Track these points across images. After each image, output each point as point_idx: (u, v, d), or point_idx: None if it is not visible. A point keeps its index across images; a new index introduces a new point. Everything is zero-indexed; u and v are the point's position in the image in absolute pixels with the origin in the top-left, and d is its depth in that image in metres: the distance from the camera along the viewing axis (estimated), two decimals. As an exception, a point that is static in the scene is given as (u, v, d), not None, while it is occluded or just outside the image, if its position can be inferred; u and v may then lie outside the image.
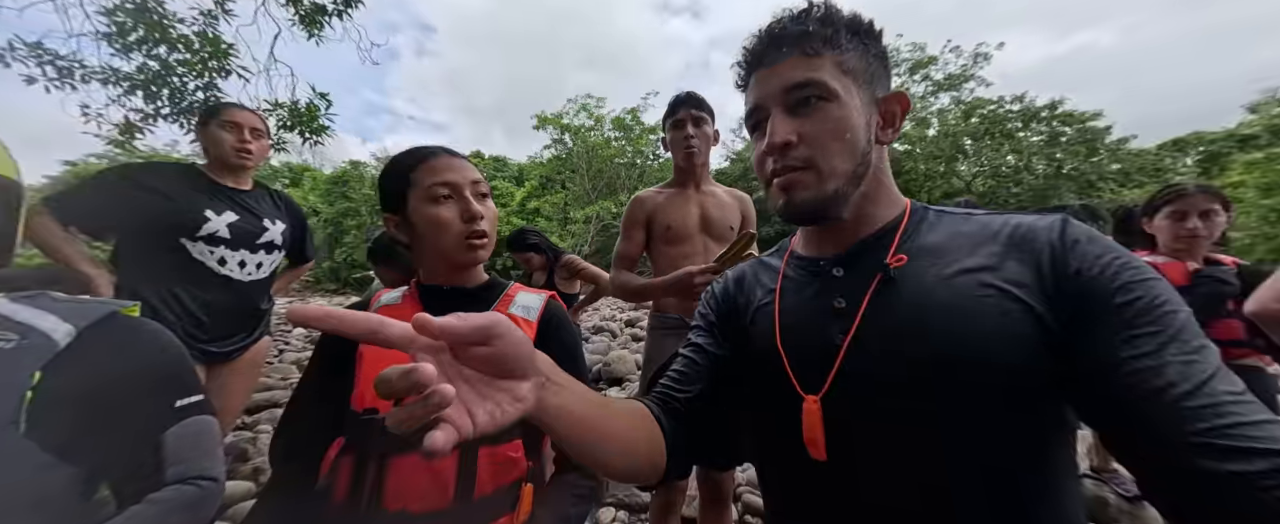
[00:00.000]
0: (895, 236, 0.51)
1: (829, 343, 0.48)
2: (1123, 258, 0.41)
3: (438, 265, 0.74)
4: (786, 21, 0.50)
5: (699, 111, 1.36)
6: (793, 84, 0.48)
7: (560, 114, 22.94)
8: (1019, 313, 0.41)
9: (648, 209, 1.42)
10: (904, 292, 0.47)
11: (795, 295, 0.55)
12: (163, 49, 3.48)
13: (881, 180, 0.53)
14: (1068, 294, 0.41)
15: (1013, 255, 0.44)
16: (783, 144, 0.48)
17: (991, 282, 0.43)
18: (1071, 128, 16.70)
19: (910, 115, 4.32)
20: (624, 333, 6.68)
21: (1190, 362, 0.35)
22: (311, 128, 3.86)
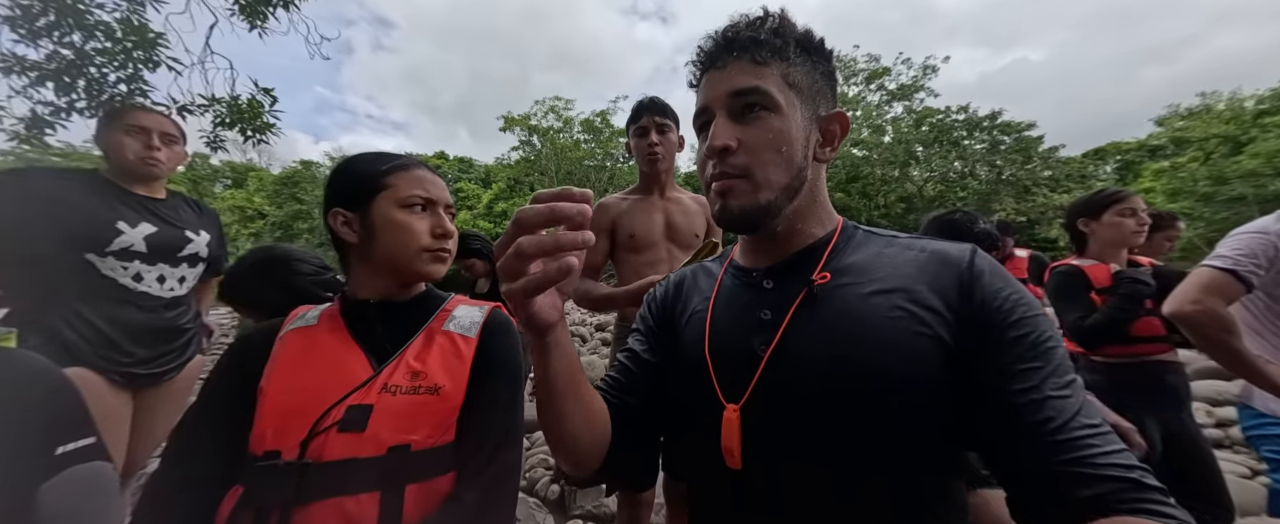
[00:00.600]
0: (824, 253, 0.53)
1: (751, 353, 0.50)
2: (1018, 294, 0.45)
3: (379, 274, 0.69)
4: (741, 26, 0.51)
5: (663, 118, 1.36)
6: (738, 89, 0.50)
7: (528, 115, 22.57)
8: (926, 336, 0.45)
9: (611, 216, 1.40)
10: (826, 308, 0.49)
11: (727, 304, 0.57)
12: (77, 36, 3.15)
13: (816, 197, 0.55)
14: (969, 323, 0.45)
15: (925, 280, 0.47)
16: (722, 148, 0.49)
17: (904, 304, 0.46)
18: (1010, 137, 18.08)
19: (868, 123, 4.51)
20: (594, 338, 6.62)
21: (1063, 397, 0.40)
22: (254, 126, 3.59)
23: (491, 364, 0.66)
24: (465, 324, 0.69)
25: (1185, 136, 16.95)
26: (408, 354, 0.64)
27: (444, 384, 0.62)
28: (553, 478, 2.49)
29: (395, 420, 0.58)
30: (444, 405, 0.61)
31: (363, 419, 0.57)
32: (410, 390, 0.60)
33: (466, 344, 0.67)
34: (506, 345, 0.70)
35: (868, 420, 0.45)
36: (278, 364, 0.62)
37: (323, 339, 0.66)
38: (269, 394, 0.60)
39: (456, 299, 0.76)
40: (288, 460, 0.55)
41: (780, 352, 0.49)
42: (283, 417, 0.58)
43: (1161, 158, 17.77)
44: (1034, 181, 17.55)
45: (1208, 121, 16.31)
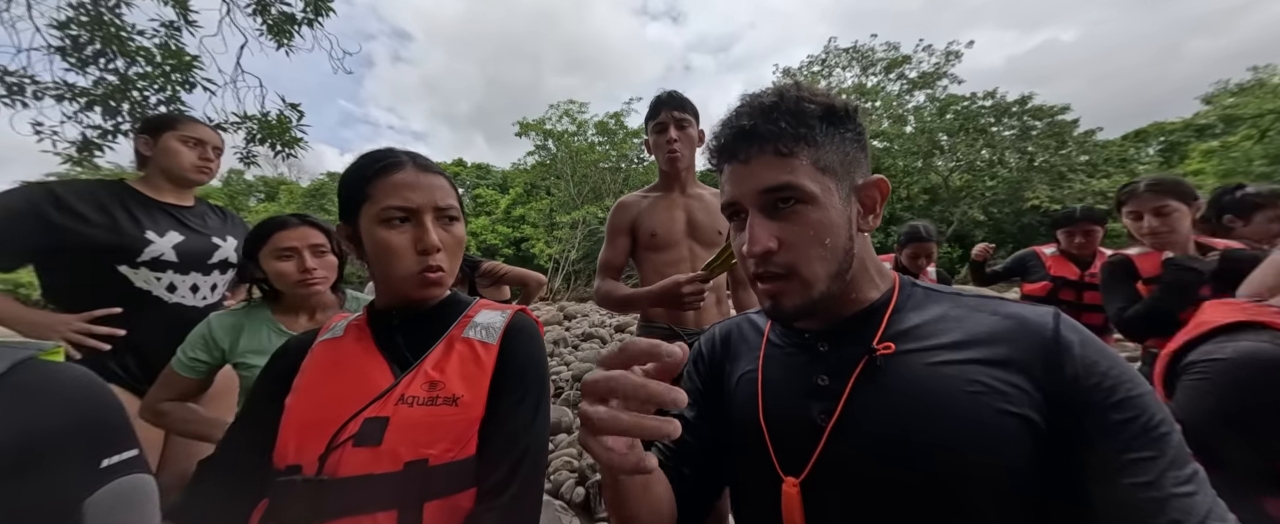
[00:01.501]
0: (883, 316, 0.50)
1: (811, 423, 0.48)
2: (1119, 369, 0.41)
3: (387, 292, 0.66)
4: (757, 119, 0.47)
5: (681, 113, 1.32)
6: (767, 187, 0.47)
7: (542, 120, 22.83)
8: (1011, 414, 0.40)
9: (631, 215, 1.38)
10: (891, 377, 0.45)
11: (779, 367, 0.54)
12: (121, 62, 3.33)
13: (866, 264, 0.52)
14: (1064, 404, 0.40)
15: (1004, 349, 0.43)
16: (763, 253, 0.47)
17: (982, 377, 0.42)
18: (1041, 122, 17.27)
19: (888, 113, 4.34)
20: (614, 339, 6.62)
21: (1190, 494, 0.36)
22: (283, 140, 3.73)
23: (513, 371, 0.62)
24: (486, 330, 0.66)
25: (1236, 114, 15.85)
26: (426, 363, 0.61)
27: (463, 394, 0.58)
28: (577, 480, 2.49)
29: (412, 433, 0.55)
30: (463, 416, 0.57)
31: (378, 433, 0.55)
32: (427, 401, 0.57)
33: (486, 351, 0.63)
34: (529, 350, 0.66)
35: (943, 507, 0.41)
36: (304, 375, 0.61)
37: (348, 350, 0.64)
38: (292, 407, 0.59)
39: (480, 303, 0.72)
40: (306, 476, 0.53)
41: (843, 423, 0.46)
42: (304, 430, 0.56)
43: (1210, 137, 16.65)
44: (1069, 167, 16.71)
45: (1262, 97, 15.20)
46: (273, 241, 1.04)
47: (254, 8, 3.67)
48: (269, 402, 0.61)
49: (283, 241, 1.04)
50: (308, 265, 1.04)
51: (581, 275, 21.80)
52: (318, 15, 3.73)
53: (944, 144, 18.33)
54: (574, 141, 22.69)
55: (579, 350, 5.95)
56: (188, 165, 1.31)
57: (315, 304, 1.11)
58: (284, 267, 1.04)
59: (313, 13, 3.72)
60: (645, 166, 22.63)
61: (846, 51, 21.17)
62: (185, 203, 1.36)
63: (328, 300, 1.13)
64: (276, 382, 0.62)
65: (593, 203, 21.28)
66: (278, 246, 1.03)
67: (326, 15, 3.75)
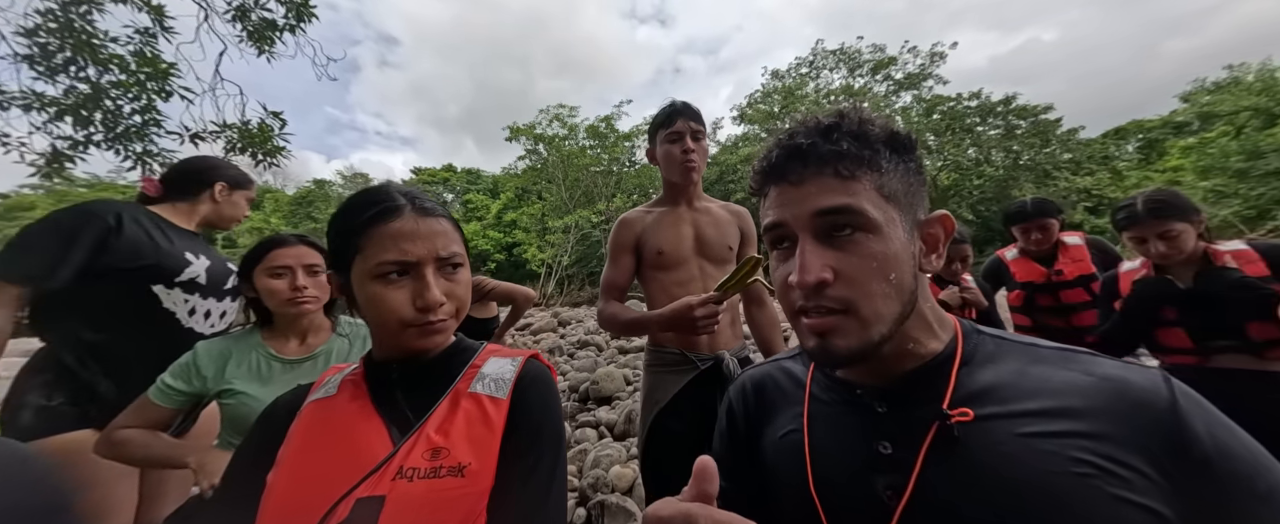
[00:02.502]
0: (951, 375, 0.43)
1: (875, 499, 0.41)
2: (1252, 448, 0.35)
3: (385, 343, 0.60)
4: (817, 135, 0.42)
5: (698, 125, 1.25)
6: (824, 209, 0.41)
7: (533, 124, 22.70)
8: (1131, 504, 0.33)
9: (636, 231, 1.30)
10: (973, 449, 0.38)
11: (828, 429, 0.47)
12: (93, 71, 3.19)
13: (926, 314, 0.45)
14: (1196, 492, 0.33)
15: (1107, 422, 0.36)
16: (818, 283, 0.40)
17: (1088, 457, 0.35)
18: (1025, 121, 17.57)
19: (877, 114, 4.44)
20: (610, 347, 6.53)
21: None
22: (265, 149, 3.61)
23: (526, 430, 0.56)
24: (494, 382, 0.59)
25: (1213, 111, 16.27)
26: (428, 426, 0.54)
27: (469, 462, 0.51)
28: (578, 500, 2.40)
29: (412, 514, 0.48)
30: (470, 489, 0.50)
31: (372, 516, 0.47)
32: (429, 473, 0.50)
33: (496, 408, 0.56)
34: (545, 405, 0.59)
35: None
36: (289, 444, 0.54)
37: (341, 411, 0.56)
38: (274, 484, 0.51)
39: (489, 350, 0.65)
40: None
41: (917, 502, 0.39)
42: (285, 514, 0.49)
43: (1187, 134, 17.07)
44: (1054, 165, 17.01)
45: (1237, 94, 15.62)
46: (268, 259, 1.02)
47: (233, 14, 3.55)
48: (249, 476, 0.53)
49: (277, 259, 1.02)
50: (299, 283, 1.01)
51: (575, 280, 21.66)
52: (300, 21, 3.62)
53: (931, 144, 18.55)
54: (565, 146, 22.60)
55: (575, 358, 5.85)
56: (240, 218, 1.45)
57: (306, 326, 1.08)
58: (276, 284, 1.01)
59: (295, 19, 3.60)
60: (637, 170, 22.59)
61: (834, 53, 21.36)
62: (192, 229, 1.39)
63: (319, 322, 1.10)
64: (258, 451, 0.54)
65: (585, 207, 21.18)
66: (272, 264, 1.02)
67: (309, 21, 3.64)
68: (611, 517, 2.16)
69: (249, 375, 0.99)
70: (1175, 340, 1.34)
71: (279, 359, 1.02)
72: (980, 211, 17.14)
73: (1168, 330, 1.34)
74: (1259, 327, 1.22)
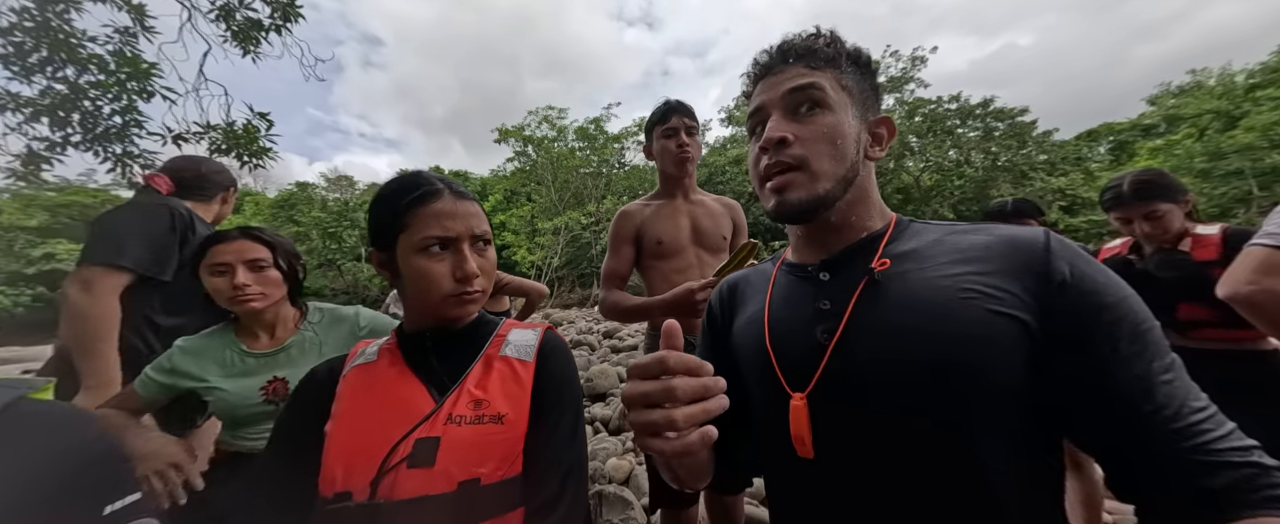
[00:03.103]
0: (881, 243, 0.54)
1: (814, 342, 0.51)
2: (1104, 276, 0.44)
3: (422, 313, 0.67)
4: (795, 39, 0.55)
5: (691, 120, 1.32)
6: (794, 86, 0.52)
7: (522, 126, 22.63)
8: (1005, 316, 0.43)
9: (636, 222, 1.35)
10: (889, 293, 0.49)
11: (784, 300, 0.58)
12: (71, 70, 3.12)
13: (869, 193, 0.56)
14: (1057, 309, 0.43)
15: (996, 262, 0.46)
16: (779, 139, 0.51)
17: (975, 286, 0.45)
18: (1003, 123, 18.11)
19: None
20: (603, 345, 6.55)
21: (1171, 382, 0.40)
22: (250, 150, 3.56)
23: (551, 390, 0.63)
24: (521, 348, 0.66)
25: (1178, 114, 17.01)
26: (468, 382, 0.61)
27: (507, 412, 0.59)
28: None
29: (463, 452, 0.56)
30: (509, 434, 0.58)
31: (431, 453, 0.55)
32: (474, 420, 0.58)
33: (525, 368, 0.64)
34: (565, 369, 0.66)
35: (941, 402, 0.43)
36: (343, 402, 0.61)
37: (383, 374, 0.63)
38: (336, 434, 0.58)
39: (508, 323, 0.73)
40: (359, 502, 0.53)
41: (846, 339, 0.49)
42: (351, 456, 0.56)
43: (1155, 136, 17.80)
44: (1031, 166, 17.56)
45: (1200, 98, 16.36)
46: (208, 256, 1.00)
47: (217, 14, 3.51)
48: (303, 430, 0.60)
49: (217, 256, 0.99)
50: (238, 281, 0.97)
51: (565, 281, 21.59)
52: (287, 21, 3.59)
53: (914, 145, 19.00)
54: (554, 147, 22.56)
55: (568, 359, 5.85)
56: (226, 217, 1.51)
57: (271, 320, 1.05)
58: (217, 282, 0.98)
59: (281, 19, 3.57)
60: (626, 171, 22.66)
61: (819, 57, 21.73)
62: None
63: (285, 314, 1.07)
64: (308, 410, 0.62)
65: (574, 208, 21.16)
66: (211, 262, 0.99)
67: (296, 21, 3.61)
68: (609, 506, 2.19)
69: (223, 371, 1.00)
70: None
71: (249, 354, 1.02)
72: (961, 211, 17.60)
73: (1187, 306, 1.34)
74: (1188, 307, 1.26)
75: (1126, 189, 1.35)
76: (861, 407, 0.47)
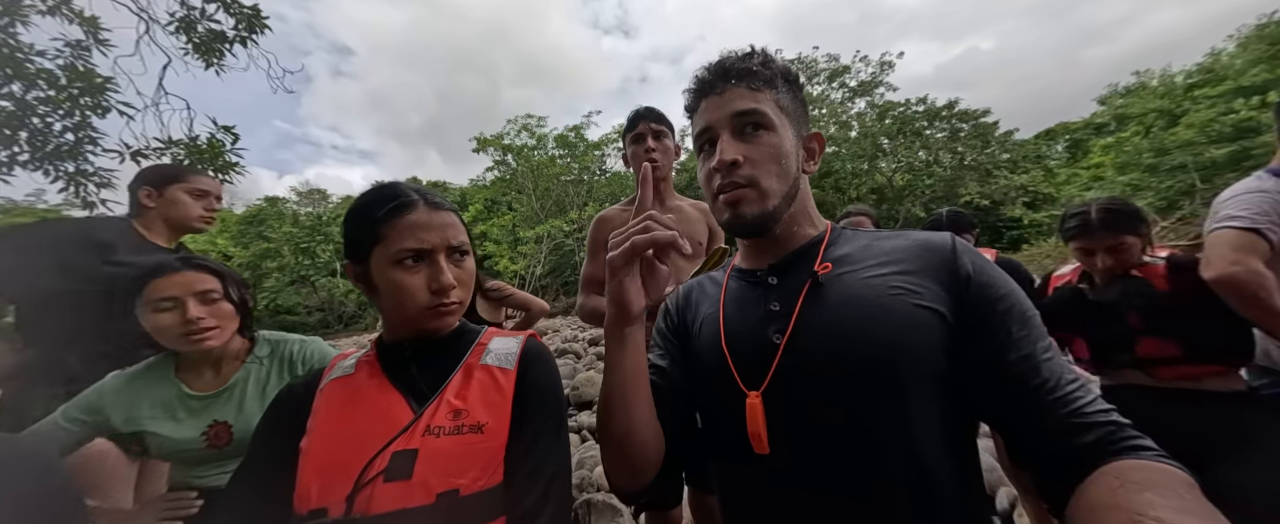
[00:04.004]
0: (820, 249, 0.60)
1: (767, 341, 0.55)
2: (996, 272, 0.53)
3: (399, 325, 0.66)
4: (735, 59, 0.60)
5: (659, 125, 1.36)
6: (740, 110, 0.57)
7: (501, 135, 22.46)
8: (926, 308, 0.51)
9: (612, 226, 1.37)
10: (831, 293, 0.55)
11: (737, 303, 0.62)
12: (17, 86, 2.97)
13: (806, 204, 0.63)
14: (964, 300, 0.51)
15: (915, 263, 0.54)
16: (731, 162, 0.56)
17: (900, 283, 0.53)
18: (968, 124, 18.88)
19: (835, 120, 4.67)
20: (588, 353, 6.51)
21: (1051, 359, 0.48)
22: (216, 166, 3.44)
23: (533, 397, 0.62)
24: (502, 356, 0.65)
25: (1126, 113, 18.05)
26: (448, 392, 0.60)
27: (487, 421, 0.58)
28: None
29: (442, 464, 0.55)
30: (489, 444, 0.57)
31: (408, 466, 0.54)
32: (454, 430, 0.57)
33: (505, 376, 0.63)
34: (547, 377, 0.65)
35: (882, 388, 0.49)
36: (319, 417, 0.60)
37: (361, 386, 0.63)
38: (311, 449, 0.57)
39: (491, 331, 0.71)
40: (334, 518, 0.52)
41: (795, 337, 0.54)
42: (326, 472, 0.55)
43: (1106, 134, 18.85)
44: (994, 165, 18.33)
45: (1145, 98, 17.40)
46: (147, 292, 0.87)
47: (177, 26, 3.40)
48: (277, 447, 0.59)
49: (159, 291, 0.87)
50: (190, 315, 0.87)
51: (549, 290, 21.39)
52: (252, 32, 3.50)
53: (885, 147, 19.62)
54: (534, 156, 22.44)
55: (553, 368, 5.79)
56: (194, 216, 1.35)
57: (219, 355, 0.96)
58: (163, 320, 0.86)
59: (246, 30, 3.48)
60: (608, 178, 22.68)
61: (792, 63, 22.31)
62: (171, 247, 1.37)
63: (233, 349, 0.98)
64: (282, 426, 0.60)
65: (557, 217, 21.05)
66: (153, 297, 0.87)
67: (261, 32, 3.53)
68: (598, 514, 2.17)
69: (160, 414, 0.90)
70: (1079, 351, 1.29)
71: (192, 396, 0.93)
72: (931, 209, 18.18)
73: (1077, 340, 1.29)
74: (1149, 342, 1.13)
75: (1095, 218, 1.21)
76: (811, 397, 0.51)
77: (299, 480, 0.55)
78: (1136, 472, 0.40)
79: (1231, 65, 14.45)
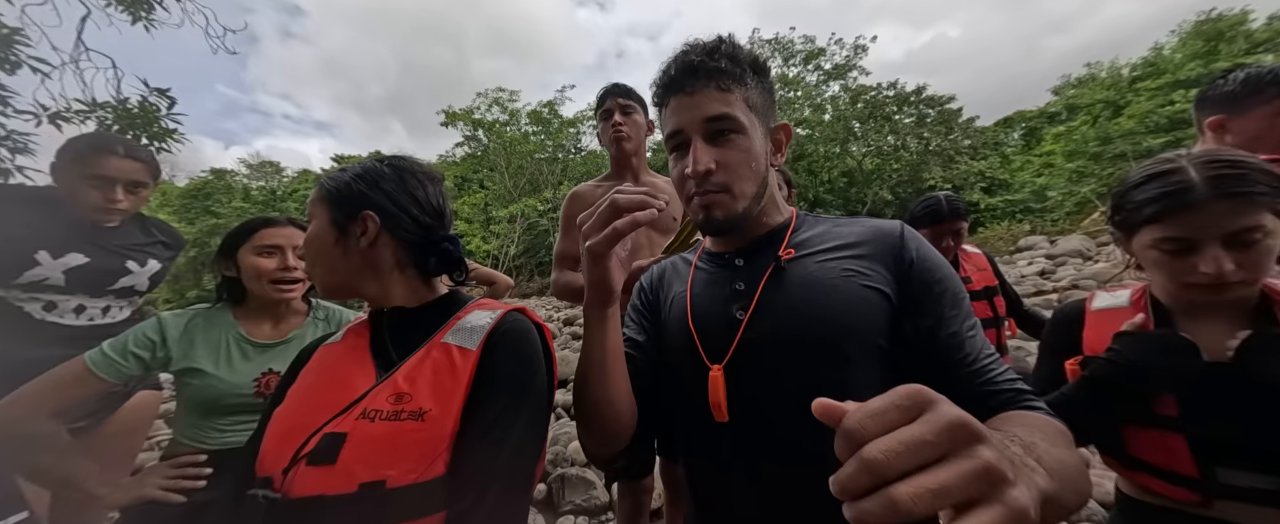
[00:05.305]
0: (785, 234, 0.64)
1: (731, 318, 0.59)
2: (936, 258, 0.59)
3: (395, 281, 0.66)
4: (703, 55, 0.58)
5: (626, 100, 1.34)
6: (711, 116, 0.57)
7: (471, 109, 21.51)
8: (873, 289, 0.56)
9: (586, 204, 1.36)
10: (791, 276, 0.59)
11: (704, 284, 0.66)
12: (-101, 33, 2.60)
13: (773, 195, 0.66)
14: (905, 281, 0.57)
15: (866, 248, 0.59)
16: (706, 171, 0.57)
17: (851, 266, 0.58)
18: (934, 110, 19.47)
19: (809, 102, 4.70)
20: (564, 332, 6.52)
21: (974, 336, 0.55)
22: (151, 132, 3.15)
23: (495, 381, 0.56)
24: (468, 333, 0.59)
25: (1076, 103, 19.06)
26: (399, 373, 0.56)
27: (430, 408, 0.53)
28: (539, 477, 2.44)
29: (369, 452, 0.51)
30: (429, 433, 0.52)
31: (334, 451, 0.51)
32: (391, 416, 0.52)
33: (464, 358, 0.57)
34: (520, 354, 0.59)
35: (829, 360, 0.54)
36: (299, 380, 0.60)
37: (341, 355, 0.62)
38: (278, 414, 0.57)
39: (477, 303, 0.66)
40: (266, 493, 0.50)
41: (757, 315, 0.58)
42: (280, 439, 0.54)
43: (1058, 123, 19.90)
44: (956, 151, 19.08)
45: (1093, 89, 18.40)
46: (258, 237, 1.00)
47: (95, -29, 3.03)
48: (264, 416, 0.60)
49: (267, 238, 1.00)
50: (290, 263, 1.00)
51: (523, 270, 21.09)
52: (187, -16, 3.17)
53: (857, 131, 20.03)
54: (506, 132, 21.67)
55: (527, 348, 5.77)
56: (87, 207, 1.14)
57: (284, 310, 1.06)
58: (264, 263, 0.99)
59: (179, -20, 3.14)
60: (583, 156, 22.24)
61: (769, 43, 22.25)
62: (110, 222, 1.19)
63: (296, 306, 1.09)
64: (285, 386, 0.62)
65: (530, 195, 20.57)
66: (262, 243, 0.99)
67: (198, -16, 3.20)
68: (572, 488, 2.23)
69: (217, 356, 0.95)
70: (1162, 454, 0.65)
71: (250, 342, 0.99)
72: (898, 192, 18.88)
73: (1152, 434, 0.65)
74: None
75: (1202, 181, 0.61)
76: (768, 370, 0.56)
77: (263, 444, 0.55)
78: (1019, 416, 0.48)
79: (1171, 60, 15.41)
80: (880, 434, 0.24)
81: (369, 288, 0.64)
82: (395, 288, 0.64)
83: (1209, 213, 0.60)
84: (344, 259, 0.62)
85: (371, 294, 0.64)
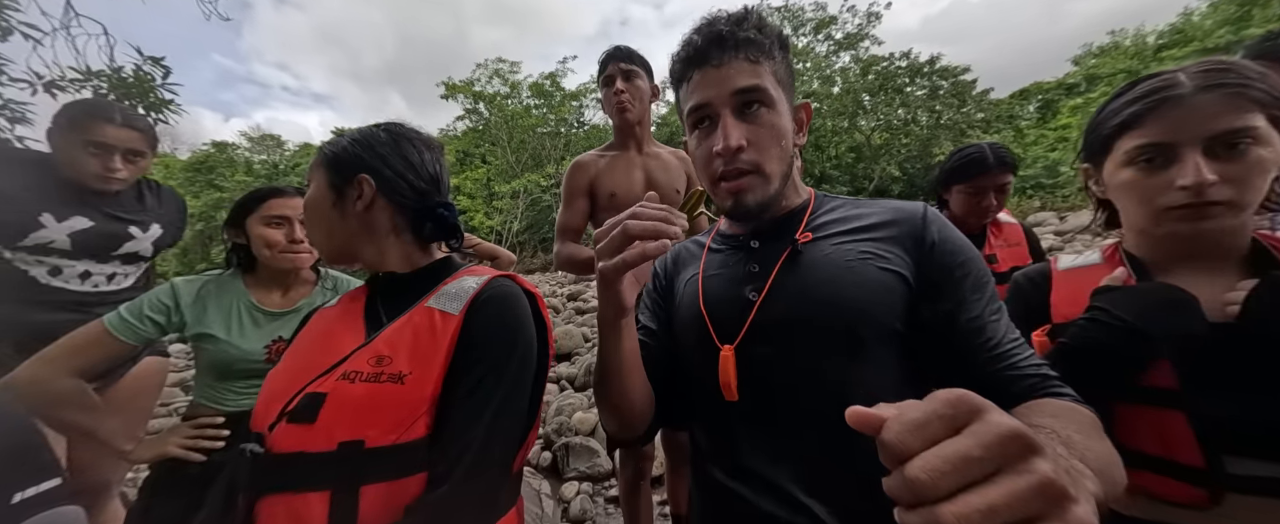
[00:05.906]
0: (804, 217, 0.62)
1: (744, 300, 0.58)
2: (960, 240, 0.56)
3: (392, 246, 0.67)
4: (732, 25, 0.54)
5: (628, 65, 1.28)
6: (741, 88, 0.54)
7: (471, 81, 21.02)
8: (890, 271, 0.54)
9: (589, 175, 1.34)
10: (806, 259, 0.57)
11: (719, 265, 0.64)
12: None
13: (794, 176, 0.64)
14: (927, 264, 0.54)
15: (885, 231, 0.57)
16: (738, 148, 0.54)
17: (869, 248, 0.56)
18: (947, 81, 18.81)
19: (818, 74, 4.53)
20: (567, 307, 6.58)
21: (997, 320, 0.52)
22: (147, 103, 3.10)
23: (477, 345, 0.56)
24: (452, 298, 0.59)
25: (1097, 73, 18.33)
26: (382, 337, 0.57)
27: (410, 371, 0.54)
28: (543, 444, 2.52)
29: (349, 412, 0.52)
30: (409, 396, 0.53)
31: (314, 410, 0.52)
32: (371, 378, 0.53)
33: (446, 323, 0.57)
34: (502, 319, 0.58)
35: (841, 345, 0.52)
36: (293, 343, 0.62)
37: (336, 317, 0.64)
38: (273, 372, 0.59)
39: (466, 270, 0.66)
40: (252, 448, 0.53)
41: (770, 297, 0.56)
42: (269, 398, 0.56)
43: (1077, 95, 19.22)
44: (969, 124, 18.55)
45: (1115, 58, 17.67)
46: (266, 207, 1.00)
47: (79, -69, 2.91)
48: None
49: (275, 208, 1.00)
50: (298, 236, 1.00)
51: (527, 246, 21.13)
52: (172, -56, 3.04)
53: (866, 104, 19.45)
54: (508, 105, 21.23)
55: (532, 322, 5.84)
56: (86, 174, 1.14)
57: (294, 279, 1.08)
58: (272, 233, 0.99)
59: (165, -59, 3.01)
60: (586, 131, 21.84)
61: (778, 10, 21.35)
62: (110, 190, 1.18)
63: (306, 276, 1.11)
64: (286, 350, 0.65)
65: (533, 170, 20.34)
66: (270, 213, 1.00)
67: (185, -55, 3.07)
68: (576, 456, 2.30)
69: (228, 323, 0.98)
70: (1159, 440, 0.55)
71: (260, 310, 1.00)
72: (907, 169, 18.53)
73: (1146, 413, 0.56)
74: None
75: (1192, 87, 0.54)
76: (779, 351, 0.55)
77: (258, 399, 0.57)
78: (1048, 404, 0.45)
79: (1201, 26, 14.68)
80: (922, 449, 0.22)
81: (366, 252, 0.65)
82: (391, 252, 0.65)
83: (1191, 108, 0.52)
84: (341, 223, 0.63)
85: (368, 258, 0.65)
